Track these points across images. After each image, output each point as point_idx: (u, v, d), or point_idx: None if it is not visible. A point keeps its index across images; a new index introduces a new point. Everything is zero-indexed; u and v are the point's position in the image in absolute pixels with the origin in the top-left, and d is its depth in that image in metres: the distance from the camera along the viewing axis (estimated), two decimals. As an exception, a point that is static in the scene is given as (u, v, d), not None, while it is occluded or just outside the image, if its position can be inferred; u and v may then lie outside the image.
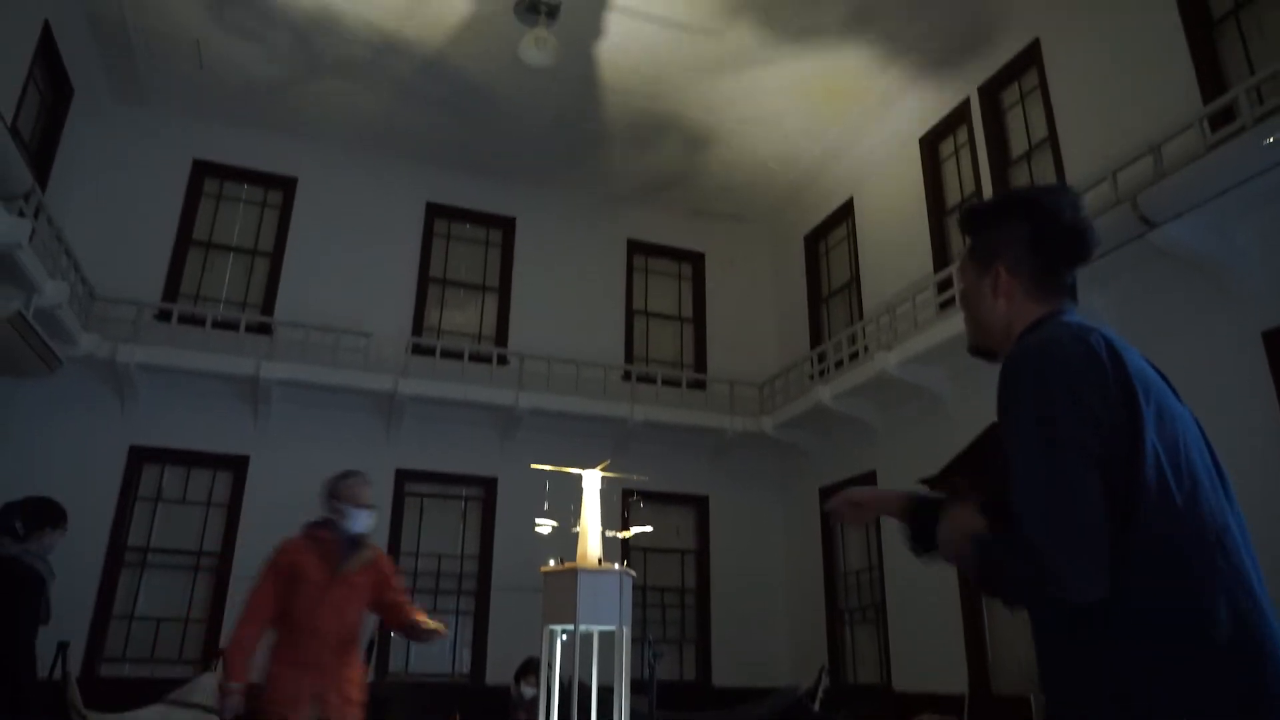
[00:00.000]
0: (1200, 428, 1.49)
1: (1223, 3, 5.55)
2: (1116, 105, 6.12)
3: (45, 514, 4.28)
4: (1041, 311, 1.61)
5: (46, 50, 7.18)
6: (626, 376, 9.63)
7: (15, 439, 7.42)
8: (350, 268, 9.17)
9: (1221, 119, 4.98)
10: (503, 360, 9.22)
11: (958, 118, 7.88)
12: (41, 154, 7.54)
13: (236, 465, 8.21)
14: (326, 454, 8.31)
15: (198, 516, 8.12)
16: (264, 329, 8.49)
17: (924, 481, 1.88)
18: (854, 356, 8.24)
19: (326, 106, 8.94)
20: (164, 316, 8.18)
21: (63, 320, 6.95)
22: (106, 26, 7.76)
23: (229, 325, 8.33)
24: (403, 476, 8.69)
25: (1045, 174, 6.85)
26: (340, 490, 3.96)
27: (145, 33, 7.87)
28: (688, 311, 10.76)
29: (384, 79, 8.50)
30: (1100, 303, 5.64)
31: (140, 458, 7.99)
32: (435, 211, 9.89)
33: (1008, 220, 1.68)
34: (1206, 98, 5.35)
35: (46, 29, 7.06)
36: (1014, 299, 1.64)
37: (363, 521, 3.97)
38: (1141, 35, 6.00)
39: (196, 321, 8.19)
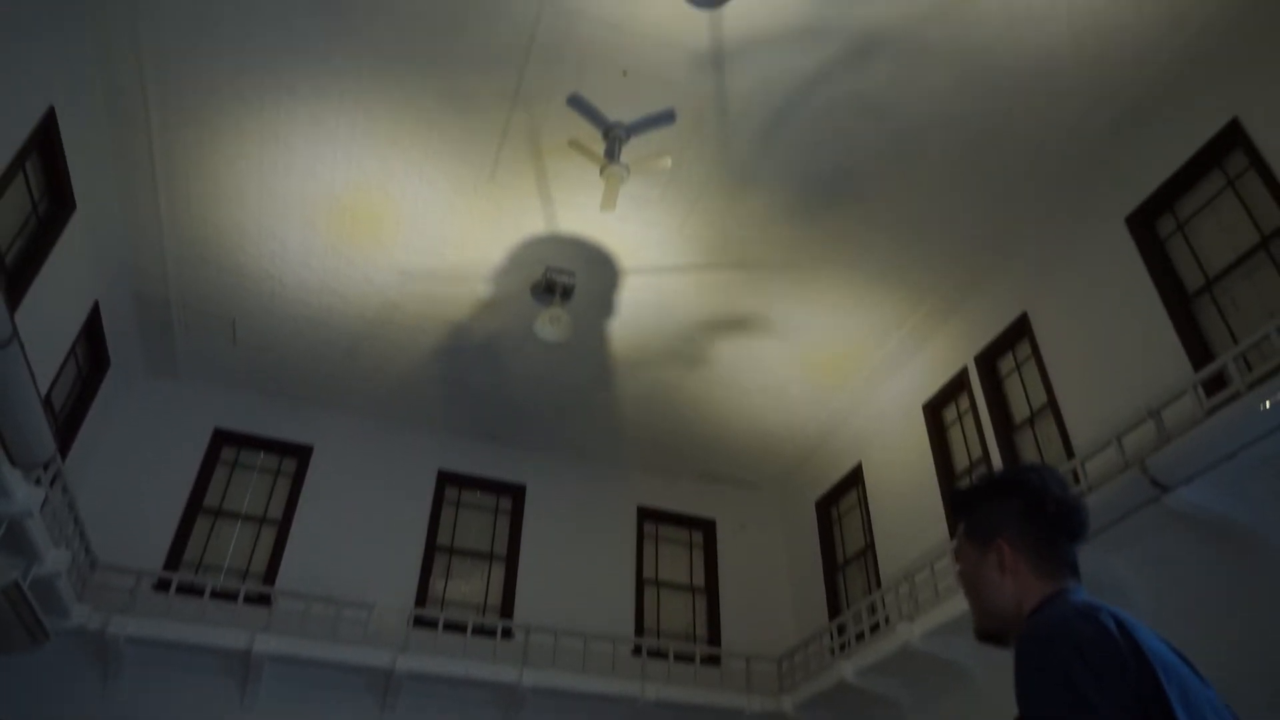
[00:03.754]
0: (1234, 715, 1.38)
1: (1195, 278, 5.91)
2: (1111, 372, 6.32)
3: None
4: (1048, 589, 1.59)
5: (91, 328, 7.65)
6: (637, 651, 9.15)
7: (-16, 721, 6.95)
8: (358, 536, 9.09)
9: (1214, 384, 5.12)
10: (507, 634, 8.82)
11: (958, 385, 8.13)
12: (69, 422, 7.78)
13: (215, 752, 7.59)
14: (313, 738, 7.77)
15: (165, 813, 7.38)
16: (264, 599, 8.24)
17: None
18: (875, 628, 7.86)
19: (348, 378, 9.34)
20: (163, 586, 7.99)
21: (59, 590, 6.77)
22: (151, 305, 8.33)
23: (228, 595, 8.10)
24: (393, 765, 8.00)
25: (1049, 439, 6.93)
26: None
27: (185, 311, 8.44)
28: (700, 580, 10.45)
29: (404, 354, 8.95)
30: (1124, 569, 5.46)
31: (113, 743, 7.41)
32: (446, 479, 9.96)
33: (999, 498, 1.71)
34: (1195, 363, 5.54)
35: (95, 308, 7.57)
36: (1020, 576, 1.62)
37: None
38: (1123, 308, 6.34)
39: (195, 591, 7.99)
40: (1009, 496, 1.69)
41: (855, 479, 9.56)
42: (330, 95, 6.39)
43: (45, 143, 5.95)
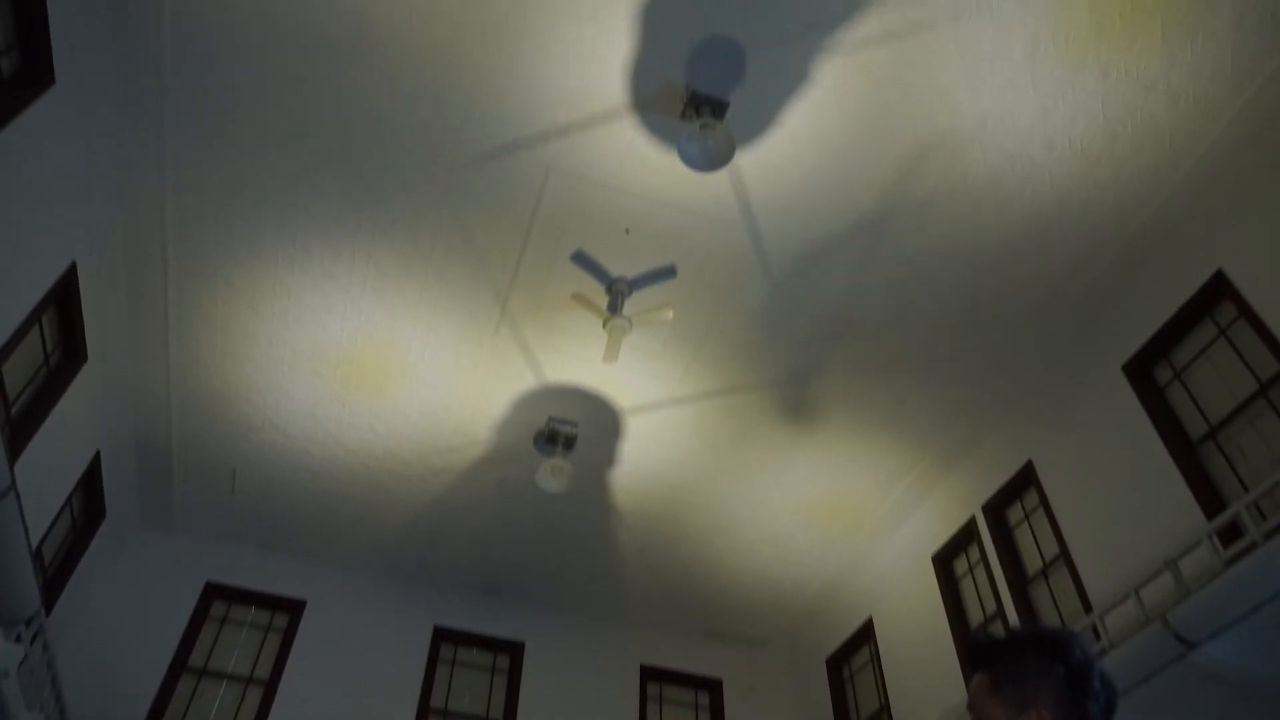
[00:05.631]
0: None
1: (1198, 426, 5.90)
2: (1121, 519, 6.20)
3: None
4: None
5: (90, 478, 7.59)
6: (640, 827, 8.52)
7: None
8: (348, 697, 8.66)
9: (1229, 532, 5.02)
10: (501, 806, 8.25)
11: (967, 536, 7.96)
12: (59, 574, 7.59)
13: None
14: None
15: None
16: (243, 768, 7.77)
17: None
18: (895, 800, 7.35)
19: (346, 530, 9.18)
20: (138, 754, 7.55)
21: (27, 758, 6.39)
22: (152, 456, 8.30)
23: (206, 764, 7.65)
24: None
25: (1065, 592, 6.72)
26: None
27: (185, 462, 8.40)
28: (707, 746, 9.87)
29: (404, 505, 8.83)
30: (1157, 733, 5.15)
31: None
32: (442, 636, 9.60)
33: (1038, 659, 1.63)
34: (1206, 510, 5.45)
35: (96, 458, 7.54)
36: None
37: None
38: (1129, 455, 6.29)
39: (172, 760, 7.54)
40: (1051, 660, 1.61)
41: (867, 634, 9.20)
42: (343, 251, 6.62)
43: (64, 297, 6.12)
